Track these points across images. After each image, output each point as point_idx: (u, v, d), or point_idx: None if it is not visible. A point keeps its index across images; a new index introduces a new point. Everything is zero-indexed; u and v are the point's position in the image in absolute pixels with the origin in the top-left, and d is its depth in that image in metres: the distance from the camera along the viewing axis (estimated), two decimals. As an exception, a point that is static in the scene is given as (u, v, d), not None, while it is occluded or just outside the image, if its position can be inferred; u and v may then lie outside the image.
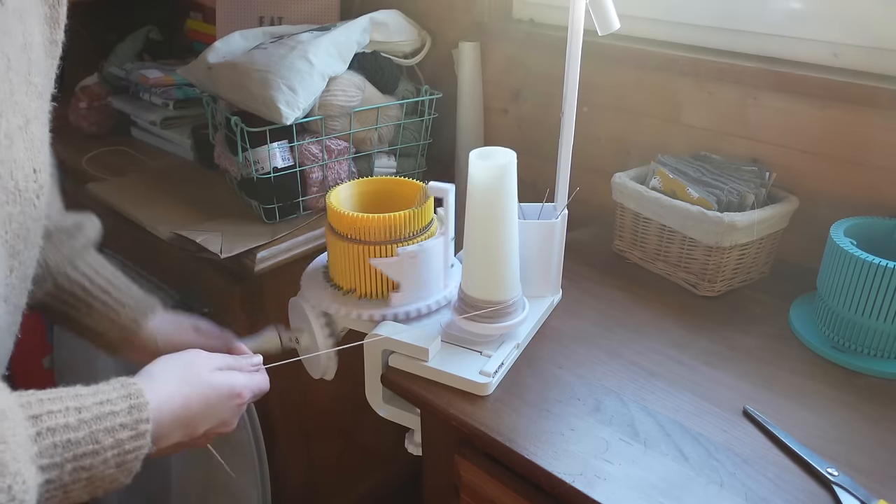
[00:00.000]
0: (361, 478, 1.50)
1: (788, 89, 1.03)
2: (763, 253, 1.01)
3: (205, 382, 0.66)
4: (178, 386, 0.64)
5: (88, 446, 0.54)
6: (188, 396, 0.64)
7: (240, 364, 0.73)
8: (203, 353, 0.69)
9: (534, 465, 0.69)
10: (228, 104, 1.23)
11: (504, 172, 0.75)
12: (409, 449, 0.91)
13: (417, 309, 0.84)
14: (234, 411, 0.69)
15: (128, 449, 0.57)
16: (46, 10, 0.60)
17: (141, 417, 0.58)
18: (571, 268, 1.02)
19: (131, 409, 0.58)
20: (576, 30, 0.81)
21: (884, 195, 0.99)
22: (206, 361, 0.69)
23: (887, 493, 0.66)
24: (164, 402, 0.62)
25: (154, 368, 0.65)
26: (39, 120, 0.57)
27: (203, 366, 0.68)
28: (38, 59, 0.57)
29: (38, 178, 0.57)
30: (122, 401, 0.58)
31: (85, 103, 1.54)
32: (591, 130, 1.26)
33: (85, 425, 0.55)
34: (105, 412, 0.56)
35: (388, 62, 1.32)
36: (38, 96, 0.57)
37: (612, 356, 0.86)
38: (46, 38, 0.60)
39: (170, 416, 0.62)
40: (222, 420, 0.68)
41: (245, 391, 0.70)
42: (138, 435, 0.58)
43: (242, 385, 0.70)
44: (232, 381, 0.69)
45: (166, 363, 0.66)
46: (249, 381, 0.71)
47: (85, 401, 0.56)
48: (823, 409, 0.77)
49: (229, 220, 1.20)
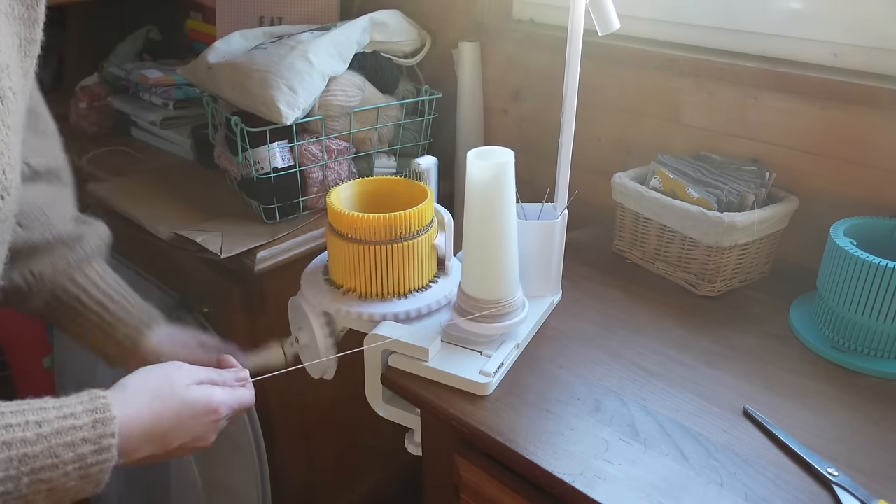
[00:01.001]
0: (361, 478, 1.50)
1: (788, 89, 1.03)
2: (763, 253, 1.01)
3: (178, 398, 0.66)
4: (150, 401, 0.64)
5: (46, 460, 0.55)
6: (159, 412, 0.64)
7: (223, 378, 0.72)
8: (184, 367, 0.69)
9: (534, 465, 0.69)
10: (228, 104, 1.23)
11: (502, 171, 0.75)
12: (409, 449, 0.91)
13: (417, 309, 0.84)
14: (209, 427, 0.68)
15: (90, 462, 0.57)
16: (23, 11, 0.60)
17: (105, 432, 0.58)
18: (571, 268, 1.02)
19: (95, 424, 0.58)
20: (576, 30, 0.81)
21: (884, 195, 0.99)
22: (185, 375, 0.68)
23: (887, 493, 0.66)
24: (134, 418, 0.62)
25: (129, 381, 0.65)
26: (5, 122, 0.57)
27: (180, 380, 0.67)
28: (4, 61, 0.57)
29: (2, 179, 0.56)
30: (87, 415, 0.58)
31: (85, 103, 1.54)
32: (591, 130, 1.26)
33: (44, 440, 0.55)
34: (66, 426, 0.56)
35: (388, 62, 1.32)
36: (1, 99, 0.56)
37: (612, 356, 0.86)
38: (23, 37, 0.60)
39: (139, 430, 0.62)
40: (196, 435, 0.67)
41: (222, 407, 0.69)
42: (101, 449, 0.58)
43: (220, 401, 0.69)
44: (209, 396, 0.68)
45: (142, 376, 0.66)
46: (228, 397, 0.70)
47: (47, 414, 0.56)
48: (823, 409, 0.77)
49: (229, 220, 1.20)
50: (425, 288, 0.87)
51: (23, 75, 0.61)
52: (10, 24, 0.59)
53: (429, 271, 0.88)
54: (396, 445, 0.98)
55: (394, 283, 0.84)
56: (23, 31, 0.60)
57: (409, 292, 0.86)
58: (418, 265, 0.85)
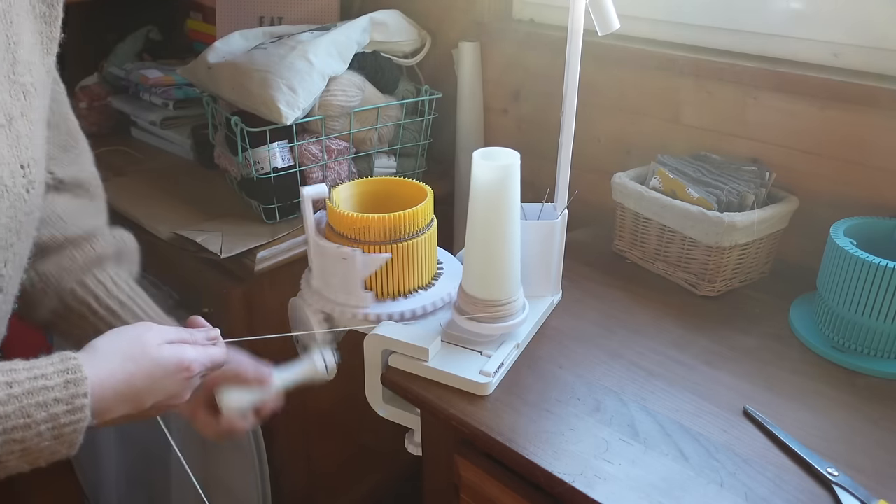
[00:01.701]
0: (361, 478, 1.50)
1: (788, 89, 1.03)
2: (763, 253, 1.01)
3: (150, 357, 0.65)
4: (122, 362, 0.63)
5: (19, 420, 0.55)
6: (131, 372, 0.63)
7: (193, 337, 0.71)
8: (154, 327, 0.68)
9: (534, 465, 0.69)
10: (228, 104, 1.23)
11: (508, 173, 0.75)
12: (409, 449, 0.91)
13: (417, 309, 0.84)
14: (182, 384, 0.68)
15: (63, 423, 0.57)
16: (45, 9, 0.61)
17: (77, 392, 0.58)
18: (571, 268, 1.02)
19: (67, 384, 0.58)
20: (576, 30, 0.81)
21: (884, 195, 0.99)
22: (156, 335, 0.67)
23: (887, 493, 0.66)
24: (106, 379, 0.61)
25: (100, 342, 0.65)
26: (28, 117, 0.57)
27: (151, 340, 0.67)
28: (27, 57, 0.58)
29: (28, 173, 0.57)
30: (58, 375, 0.58)
31: (85, 103, 1.54)
32: (591, 130, 1.26)
33: (15, 399, 0.55)
34: (38, 387, 0.56)
35: (388, 62, 1.32)
36: (24, 94, 0.57)
37: (612, 356, 0.86)
38: (45, 35, 0.61)
39: (112, 391, 0.62)
40: (170, 393, 0.67)
41: (194, 364, 0.68)
42: (74, 409, 0.58)
43: (191, 359, 0.68)
44: (180, 354, 0.67)
45: (113, 337, 0.66)
46: (199, 355, 0.69)
47: (18, 375, 0.56)
48: (823, 409, 0.77)
49: (229, 220, 1.20)
50: (425, 288, 0.87)
51: (46, 72, 0.62)
52: (33, 23, 0.60)
53: (429, 271, 0.88)
54: (396, 445, 0.98)
55: (394, 283, 0.84)
56: (45, 28, 0.61)
57: (409, 292, 0.86)
58: (418, 265, 0.85)
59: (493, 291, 0.80)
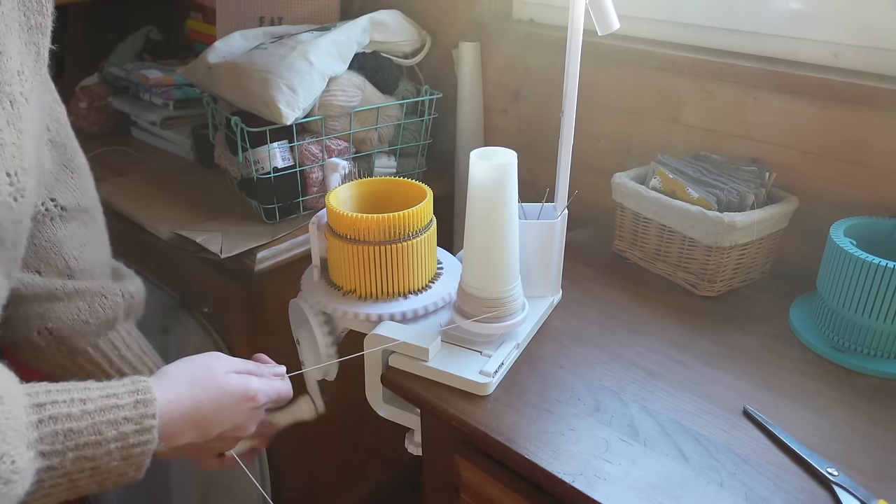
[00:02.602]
0: (361, 478, 1.50)
1: (788, 89, 1.03)
2: (763, 253, 1.01)
3: (217, 385, 0.67)
4: (190, 388, 0.65)
5: (90, 437, 0.56)
6: (199, 398, 0.65)
7: (260, 370, 0.73)
8: (223, 357, 0.70)
9: (534, 465, 0.69)
10: (228, 104, 1.23)
11: (505, 172, 0.75)
12: (409, 449, 0.91)
13: (417, 309, 0.84)
14: (248, 415, 0.70)
15: (132, 443, 0.58)
16: (40, 20, 0.61)
17: (146, 413, 0.59)
18: (571, 268, 1.02)
19: (136, 404, 0.59)
20: (576, 30, 0.81)
21: (884, 195, 0.99)
22: (224, 364, 0.69)
23: (887, 493, 0.66)
24: (174, 402, 0.63)
25: (170, 369, 0.66)
26: (15, 126, 0.57)
27: (219, 368, 0.68)
28: (14, 66, 0.58)
29: (14, 181, 0.57)
30: (128, 395, 0.59)
31: (85, 103, 1.54)
32: (591, 130, 1.26)
33: (88, 416, 0.56)
34: (109, 405, 0.57)
35: (388, 62, 1.32)
36: (11, 103, 0.57)
37: (612, 356, 0.86)
38: (40, 45, 0.62)
39: (179, 415, 0.63)
40: (236, 423, 0.69)
41: (260, 395, 0.70)
42: (143, 430, 0.58)
43: (257, 389, 0.70)
44: (246, 383, 0.69)
45: (183, 364, 0.67)
46: (266, 385, 0.71)
47: (91, 393, 0.57)
48: (823, 409, 0.77)
49: (229, 220, 1.20)
50: (425, 288, 0.87)
51: (40, 82, 0.62)
52: (27, 34, 0.60)
53: (429, 271, 0.88)
54: (396, 445, 0.98)
55: (394, 284, 0.84)
56: (39, 39, 0.62)
57: (409, 292, 0.86)
58: (418, 265, 0.85)
59: (492, 290, 0.80)
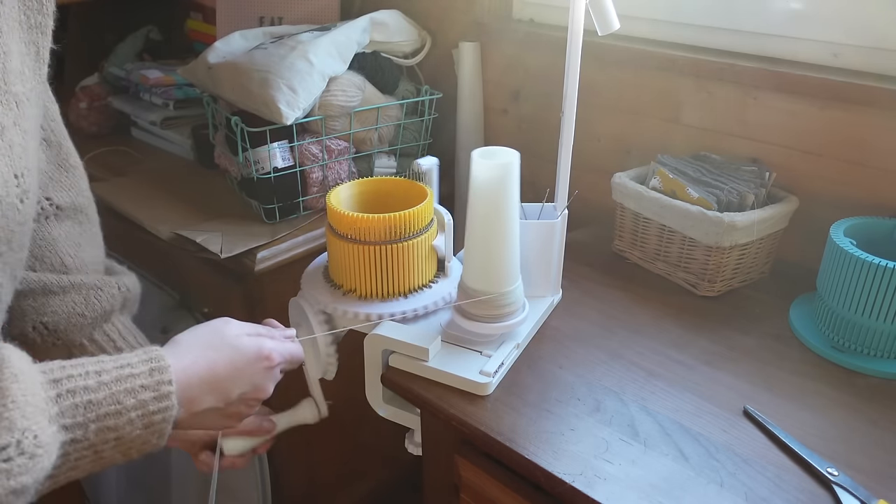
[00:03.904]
0: (361, 478, 1.50)
1: (788, 89, 1.03)
2: (763, 253, 1.01)
3: (231, 346, 0.67)
4: (203, 351, 0.65)
5: (110, 406, 0.56)
6: (213, 360, 0.65)
7: (271, 333, 0.74)
8: (233, 321, 0.71)
9: (534, 465, 0.69)
10: (228, 104, 1.23)
11: (506, 172, 0.75)
12: (409, 449, 0.91)
13: (417, 309, 0.84)
14: (265, 375, 0.70)
15: (152, 410, 0.58)
16: (41, 19, 0.61)
17: (163, 379, 0.59)
18: (571, 268, 1.02)
19: (152, 372, 0.59)
20: (576, 30, 0.81)
21: (884, 195, 0.99)
22: (235, 327, 0.70)
23: (887, 493, 0.66)
24: (189, 366, 0.63)
25: (181, 337, 0.67)
26: (21, 126, 0.58)
27: (230, 331, 0.69)
28: (17, 67, 0.58)
29: (21, 182, 0.57)
30: (143, 364, 0.59)
31: (85, 103, 1.54)
32: (591, 130, 1.26)
33: (105, 387, 0.56)
34: (125, 374, 0.58)
35: (389, 62, 1.32)
36: (17, 104, 0.57)
37: (612, 356, 0.86)
38: (39, 45, 0.62)
39: (196, 378, 0.63)
40: (255, 384, 0.69)
41: (274, 354, 0.70)
42: (161, 396, 0.59)
43: (271, 348, 0.70)
44: (259, 343, 0.70)
45: (194, 331, 0.68)
46: (279, 346, 0.72)
47: (105, 365, 0.58)
48: (823, 409, 0.77)
49: (229, 220, 1.20)
50: (425, 288, 0.87)
51: (39, 82, 0.62)
52: (27, 33, 0.61)
53: (429, 271, 0.88)
54: (396, 445, 0.98)
55: (394, 283, 0.84)
56: (39, 39, 0.62)
57: (410, 292, 0.86)
58: (418, 265, 0.85)
59: (494, 291, 0.79)
